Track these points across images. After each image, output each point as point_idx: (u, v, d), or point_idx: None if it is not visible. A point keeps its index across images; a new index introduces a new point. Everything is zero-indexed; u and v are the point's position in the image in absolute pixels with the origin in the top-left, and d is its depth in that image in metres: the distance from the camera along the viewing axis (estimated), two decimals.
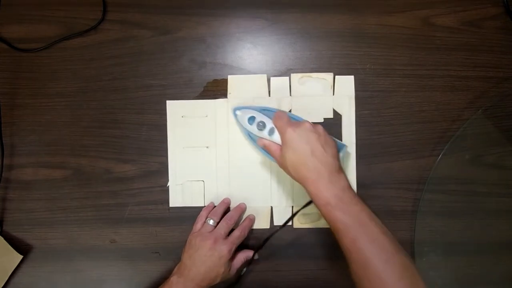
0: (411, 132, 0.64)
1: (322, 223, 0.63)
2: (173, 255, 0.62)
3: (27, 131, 0.65)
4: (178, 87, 0.65)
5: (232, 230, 0.60)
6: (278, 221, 0.64)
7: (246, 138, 0.62)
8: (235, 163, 0.64)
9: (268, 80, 0.64)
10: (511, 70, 0.64)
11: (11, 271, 0.63)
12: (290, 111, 0.64)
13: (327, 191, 0.48)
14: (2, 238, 0.62)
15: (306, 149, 0.50)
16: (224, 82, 0.64)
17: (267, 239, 0.59)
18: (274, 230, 0.59)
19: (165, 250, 0.64)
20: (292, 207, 0.64)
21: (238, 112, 0.61)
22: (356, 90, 0.64)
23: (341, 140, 0.63)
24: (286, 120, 0.53)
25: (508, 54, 0.64)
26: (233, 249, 0.57)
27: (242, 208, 0.63)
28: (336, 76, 0.64)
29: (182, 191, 0.64)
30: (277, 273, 0.64)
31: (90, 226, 0.64)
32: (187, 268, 0.55)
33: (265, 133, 0.56)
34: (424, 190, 0.63)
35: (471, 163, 0.64)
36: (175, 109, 0.64)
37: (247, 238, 0.62)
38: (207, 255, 0.55)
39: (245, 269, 0.61)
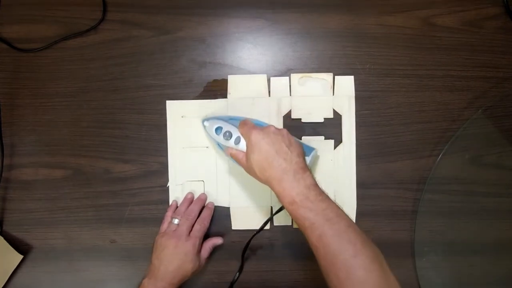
0: (411, 132, 0.64)
1: None
2: None
3: (27, 131, 0.65)
4: (178, 87, 0.65)
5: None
6: (278, 221, 0.64)
7: (216, 147, 0.63)
8: (235, 163, 0.64)
9: (268, 80, 0.64)
10: (511, 70, 0.64)
11: (11, 271, 0.63)
12: (290, 111, 0.64)
13: (292, 190, 0.48)
14: (2, 238, 0.62)
15: (271, 150, 0.51)
16: (224, 82, 0.64)
17: (249, 242, 0.59)
18: (253, 232, 0.59)
19: None
20: None
21: (206, 123, 0.61)
22: (356, 90, 0.64)
23: (341, 141, 0.63)
24: (251, 125, 0.54)
25: (508, 54, 0.64)
26: (197, 243, 0.58)
27: (202, 200, 0.63)
28: (336, 76, 0.64)
29: (182, 191, 0.64)
30: (277, 273, 0.64)
31: (90, 226, 0.64)
32: (156, 268, 0.56)
33: (231, 143, 0.57)
34: (424, 190, 0.63)
35: (471, 163, 0.64)
36: (175, 109, 0.64)
37: (246, 237, 0.62)
38: (173, 254, 0.56)
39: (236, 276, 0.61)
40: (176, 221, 0.59)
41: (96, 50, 0.65)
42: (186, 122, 0.64)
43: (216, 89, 0.65)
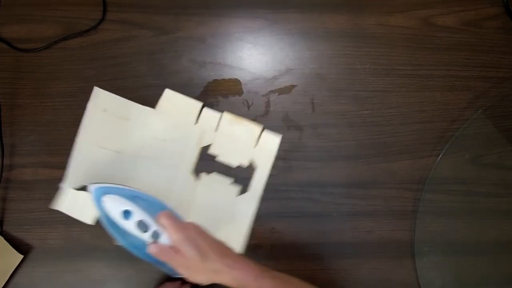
0: (411, 132, 0.64)
1: None
2: None
3: (27, 131, 0.65)
4: (178, 87, 0.65)
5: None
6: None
7: (112, 233, 0.48)
8: (142, 176, 0.61)
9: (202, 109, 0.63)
10: (511, 70, 0.64)
11: (11, 271, 0.63)
12: (208, 146, 0.62)
13: (249, 265, 0.48)
14: (2, 238, 0.62)
15: (203, 244, 0.48)
16: (224, 82, 0.64)
17: None
18: None
19: None
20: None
21: (104, 199, 0.47)
22: (356, 90, 0.64)
23: (246, 191, 0.61)
24: (177, 225, 0.48)
25: (508, 54, 0.64)
26: None
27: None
28: (264, 132, 0.63)
29: (76, 197, 0.61)
30: None
31: (91, 226, 0.64)
32: None
33: (147, 236, 0.47)
34: (424, 190, 0.63)
35: (471, 163, 0.64)
36: (101, 100, 0.62)
37: None
38: None
39: None
40: None
41: (96, 50, 0.65)
42: (105, 118, 0.62)
43: (216, 89, 0.64)
